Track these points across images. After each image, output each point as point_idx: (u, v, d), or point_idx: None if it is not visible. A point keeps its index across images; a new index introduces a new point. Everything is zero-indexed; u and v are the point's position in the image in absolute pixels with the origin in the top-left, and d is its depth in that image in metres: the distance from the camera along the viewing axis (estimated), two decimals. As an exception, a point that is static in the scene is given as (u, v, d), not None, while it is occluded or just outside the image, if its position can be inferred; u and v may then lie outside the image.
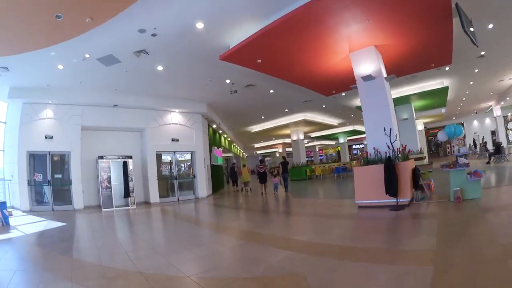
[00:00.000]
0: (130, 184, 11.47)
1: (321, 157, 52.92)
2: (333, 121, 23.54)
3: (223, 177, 21.28)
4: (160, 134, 13.23)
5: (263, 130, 22.28)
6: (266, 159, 54.43)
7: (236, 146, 33.38)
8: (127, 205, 11.31)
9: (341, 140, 34.21)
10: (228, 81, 11.23)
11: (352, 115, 21.99)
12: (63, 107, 11.45)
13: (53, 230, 7.24)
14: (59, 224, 8.12)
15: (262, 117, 18.84)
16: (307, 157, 26.03)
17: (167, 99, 13.06)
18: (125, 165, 11.49)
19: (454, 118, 28.96)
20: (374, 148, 7.73)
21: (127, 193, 11.28)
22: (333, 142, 47.20)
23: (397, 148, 7.50)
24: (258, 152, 51.10)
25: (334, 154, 54.37)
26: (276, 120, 20.53)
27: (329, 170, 22.10)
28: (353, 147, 48.52)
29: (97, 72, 9.35)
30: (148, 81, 10.83)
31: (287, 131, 24.19)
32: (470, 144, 27.11)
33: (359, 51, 8.39)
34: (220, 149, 19.13)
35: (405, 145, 8.09)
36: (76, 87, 10.71)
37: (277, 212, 8.76)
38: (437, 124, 29.52)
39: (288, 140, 34.76)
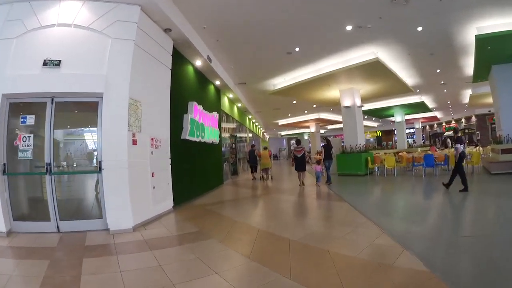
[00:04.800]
0: None
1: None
2: (409, 79, 13.65)
3: (223, 165, 12.20)
4: (24, 52, 4.66)
5: (293, 86, 12.77)
6: (291, 142, 45.15)
7: (255, 122, 24.23)
8: None
9: (398, 119, 24.34)
10: None
11: (438, 70, 12.61)
12: None
13: None
14: None
15: (296, 49, 9.33)
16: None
17: None
18: None
19: None
20: None
21: None
22: (375, 124, 36.88)
23: None
24: (282, 133, 41.71)
25: (372, 139, 43.85)
26: (321, 62, 10.97)
27: (408, 161, 12.48)
28: (395, 131, 37.36)
29: None
30: None
31: (333, 93, 14.57)
32: None
33: None
34: (213, 113, 10.01)
35: None
36: None
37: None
38: None
39: (325, 115, 25.08)
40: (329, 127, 34.00)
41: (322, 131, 33.64)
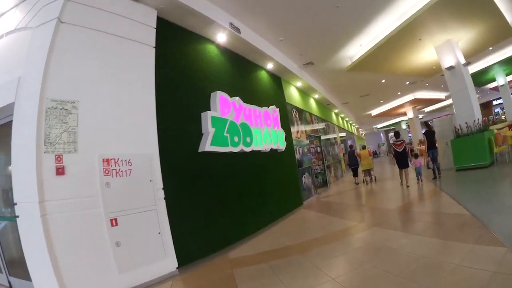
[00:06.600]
0: None
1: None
2: (507, 13, 8.19)
3: (301, 179, 9.11)
4: None
5: (374, 51, 8.91)
6: (389, 135, 37.51)
7: (344, 117, 20.44)
8: None
9: (500, 81, 16.84)
10: None
11: None
12: None
13: None
14: None
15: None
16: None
17: None
18: None
19: None
20: None
21: None
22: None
23: None
24: (378, 126, 35.16)
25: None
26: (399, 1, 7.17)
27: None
28: (494, 102, 25.21)
29: None
30: None
31: (427, 54, 10.10)
32: None
33: None
34: (268, 108, 7.35)
35: None
36: None
37: None
38: None
39: (421, 94, 19.03)
40: (426, 109, 26.67)
41: (420, 116, 26.50)
